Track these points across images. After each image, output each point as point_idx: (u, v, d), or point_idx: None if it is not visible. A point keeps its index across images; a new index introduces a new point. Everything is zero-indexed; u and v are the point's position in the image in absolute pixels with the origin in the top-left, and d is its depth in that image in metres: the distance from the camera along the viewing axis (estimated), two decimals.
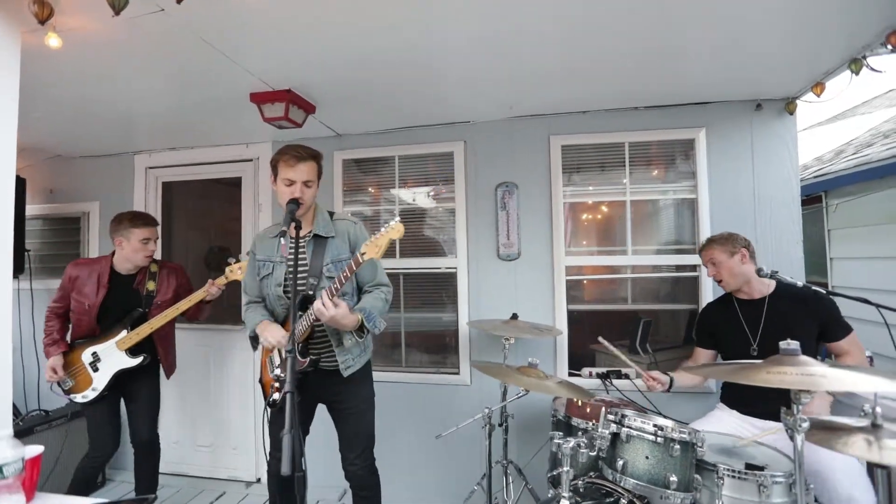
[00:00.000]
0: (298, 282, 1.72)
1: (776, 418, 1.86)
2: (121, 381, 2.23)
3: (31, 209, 3.23)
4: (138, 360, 2.19)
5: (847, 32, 1.81)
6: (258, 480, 2.99)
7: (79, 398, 2.20)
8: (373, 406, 1.93)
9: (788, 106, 2.38)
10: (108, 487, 2.96)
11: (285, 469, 1.01)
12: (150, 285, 2.27)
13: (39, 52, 1.58)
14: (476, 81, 2.20)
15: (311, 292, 1.74)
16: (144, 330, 2.18)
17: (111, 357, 2.18)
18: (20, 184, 2.45)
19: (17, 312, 3.06)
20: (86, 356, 2.20)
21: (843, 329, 1.87)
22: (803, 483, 1.20)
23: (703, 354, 2.15)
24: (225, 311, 3.31)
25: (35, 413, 2.80)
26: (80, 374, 2.20)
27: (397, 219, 1.55)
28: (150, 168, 3.17)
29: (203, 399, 3.11)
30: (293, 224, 1.60)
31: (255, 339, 1.86)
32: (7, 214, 1.35)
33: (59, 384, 2.21)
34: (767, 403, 1.87)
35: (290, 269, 1.67)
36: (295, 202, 1.68)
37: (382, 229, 1.54)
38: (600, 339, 2.03)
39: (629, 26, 1.71)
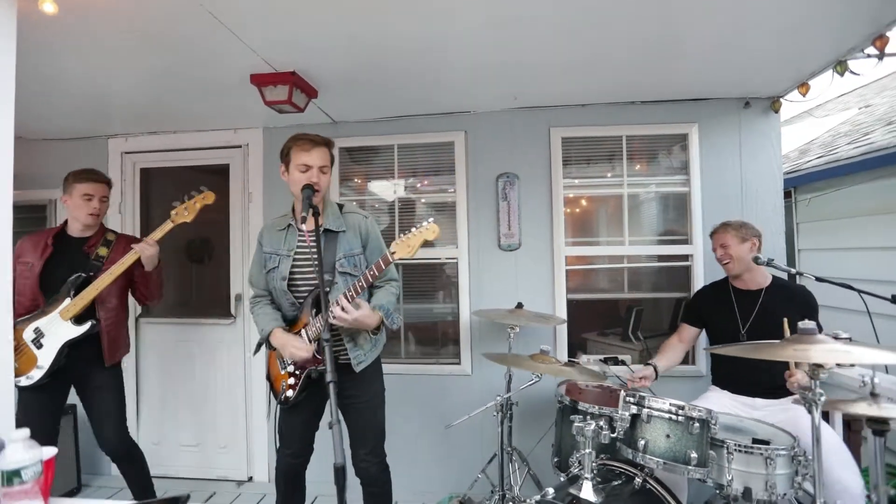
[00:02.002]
0: (311, 279, 1.71)
1: (765, 396, 2.02)
2: (73, 370, 2.01)
3: None
4: (86, 328, 1.96)
5: (835, 35, 1.93)
6: (250, 479, 2.89)
7: (23, 381, 1.94)
8: (383, 402, 1.90)
9: (774, 104, 2.52)
10: (84, 494, 2.77)
11: (339, 460, 0.98)
12: (102, 251, 2.07)
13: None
14: (479, 71, 2.20)
15: (326, 289, 1.68)
16: (89, 293, 1.95)
17: (55, 329, 1.95)
18: None
19: None
20: (27, 334, 1.96)
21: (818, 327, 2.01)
22: (820, 456, 1.29)
23: (689, 331, 2.25)
24: (211, 304, 3.17)
25: None
26: (24, 355, 1.95)
27: (431, 220, 1.53)
28: (127, 153, 2.96)
29: (187, 397, 2.97)
30: (312, 210, 1.55)
31: (264, 342, 1.79)
32: (6, 195, 1.23)
33: None
34: (758, 384, 2.01)
35: (307, 262, 1.71)
36: (310, 188, 1.63)
37: (414, 229, 1.53)
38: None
39: (628, 20, 1.75)
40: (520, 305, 2.36)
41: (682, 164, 2.65)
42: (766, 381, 1.97)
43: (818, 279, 1.98)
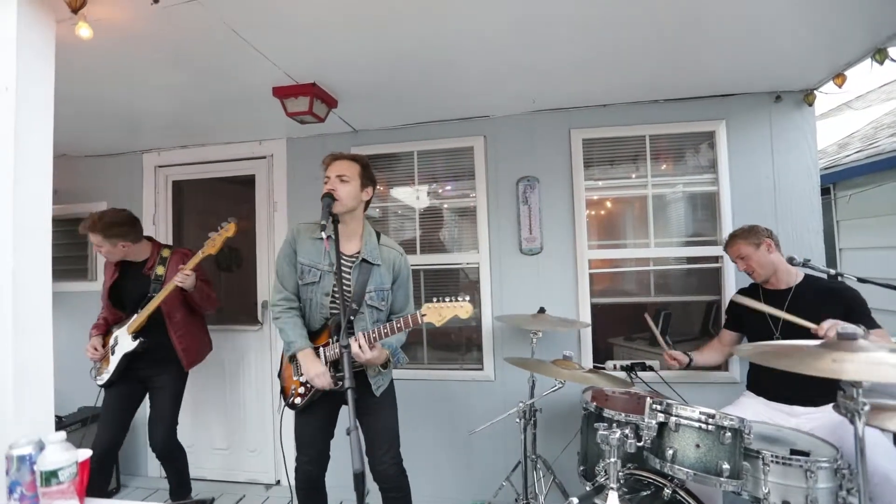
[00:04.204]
0: (346, 299, 1.73)
1: (803, 404, 1.91)
2: (145, 375, 2.27)
3: None
4: (135, 344, 2.19)
5: (871, 22, 1.82)
6: (278, 483, 2.95)
7: (99, 381, 2.26)
8: (395, 403, 1.94)
9: (807, 97, 2.41)
10: (122, 494, 2.88)
11: (357, 466, 0.98)
12: (160, 270, 2.25)
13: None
14: (498, 75, 2.18)
15: (351, 318, 1.74)
16: (143, 313, 2.18)
17: (123, 341, 2.23)
18: None
19: None
20: (112, 340, 2.26)
21: (870, 323, 1.84)
22: (864, 469, 1.21)
23: (727, 335, 2.22)
24: (240, 311, 3.26)
25: None
26: (106, 357, 2.26)
27: (468, 298, 1.63)
28: (160, 167, 3.10)
29: (218, 401, 3.06)
30: (331, 218, 1.59)
31: (293, 356, 1.81)
32: (45, 207, 1.30)
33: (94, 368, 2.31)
34: (796, 390, 1.90)
35: (345, 282, 1.74)
36: (329, 196, 1.67)
37: (449, 300, 1.64)
38: (645, 315, 2.24)
39: (650, 17, 1.71)
40: (542, 310, 2.33)
41: (709, 163, 2.56)
42: (807, 387, 1.86)
43: (860, 280, 1.88)
